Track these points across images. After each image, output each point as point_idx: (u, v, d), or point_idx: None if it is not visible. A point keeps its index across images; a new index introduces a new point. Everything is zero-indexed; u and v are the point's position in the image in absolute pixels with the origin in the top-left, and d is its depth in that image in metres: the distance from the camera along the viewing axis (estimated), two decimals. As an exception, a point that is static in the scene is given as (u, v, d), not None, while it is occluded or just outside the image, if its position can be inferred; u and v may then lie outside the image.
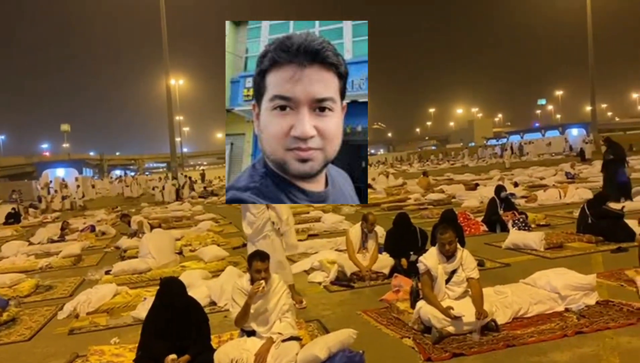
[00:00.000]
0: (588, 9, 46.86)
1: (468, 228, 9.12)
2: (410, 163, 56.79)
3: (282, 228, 5.48)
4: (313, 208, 15.20)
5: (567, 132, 55.41)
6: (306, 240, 9.42)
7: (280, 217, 5.48)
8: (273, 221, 5.50)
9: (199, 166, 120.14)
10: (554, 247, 7.26)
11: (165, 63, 37.34)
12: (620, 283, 5.31)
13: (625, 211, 8.55)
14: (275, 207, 5.49)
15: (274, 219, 5.49)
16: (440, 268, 4.47)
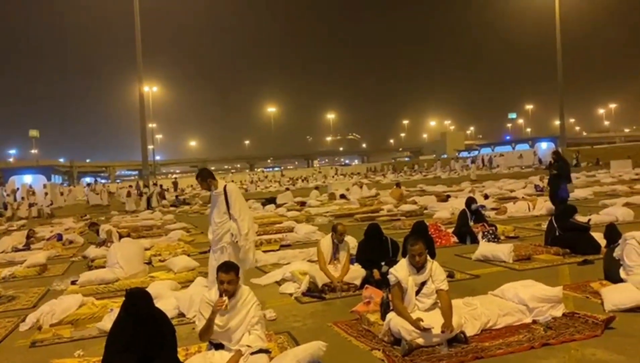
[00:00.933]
0: (557, 27, 48.21)
1: (439, 239, 9.20)
2: (384, 174, 57.18)
3: (241, 241, 5.41)
4: (287, 218, 15.18)
5: (536, 146, 56.53)
6: (278, 251, 9.38)
7: (240, 231, 5.41)
8: (232, 233, 5.43)
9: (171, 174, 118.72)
10: (522, 259, 7.37)
11: (139, 70, 36.95)
12: (585, 295, 5.40)
13: (592, 224, 8.75)
14: (238, 220, 5.43)
15: (234, 231, 5.43)
16: (411, 279, 4.49)
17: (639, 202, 13.21)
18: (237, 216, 5.42)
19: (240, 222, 5.42)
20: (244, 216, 5.49)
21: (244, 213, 5.52)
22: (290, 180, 54.93)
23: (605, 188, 18.07)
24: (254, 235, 5.64)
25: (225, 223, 5.46)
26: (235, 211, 5.44)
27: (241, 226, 5.42)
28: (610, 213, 10.80)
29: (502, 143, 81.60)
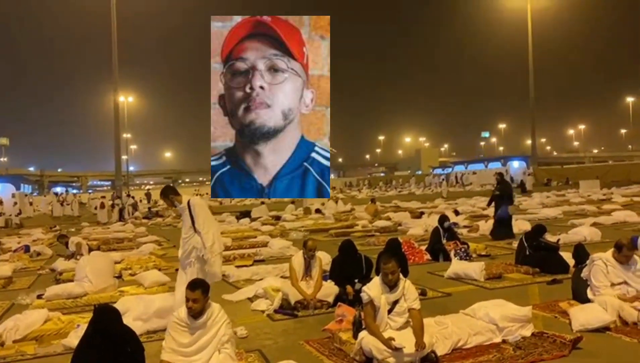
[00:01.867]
0: (529, 49, 49.50)
1: (412, 257, 9.27)
2: (360, 189, 57.46)
3: (206, 255, 5.38)
4: (261, 232, 15.10)
5: (508, 164, 57.57)
6: (252, 266, 9.31)
7: (204, 243, 5.38)
8: (197, 247, 5.39)
9: (145, 185, 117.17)
10: (493, 277, 7.46)
11: (115, 79, 36.57)
12: (554, 315, 5.49)
13: (561, 243, 8.92)
14: (202, 233, 5.39)
15: (198, 245, 5.39)
16: (383, 298, 4.50)
17: (606, 222, 13.56)
18: (200, 229, 5.40)
19: (204, 235, 5.38)
20: (208, 229, 5.46)
21: (208, 225, 5.49)
22: (265, 194, 54.74)
23: (575, 208, 18.46)
24: (220, 247, 5.59)
25: (191, 238, 5.42)
26: (198, 225, 5.42)
27: (205, 238, 5.38)
28: (578, 233, 11.03)
29: (476, 161, 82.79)
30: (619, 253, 5.43)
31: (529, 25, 49.73)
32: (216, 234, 5.53)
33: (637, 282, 5.33)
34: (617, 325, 4.94)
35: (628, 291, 5.30)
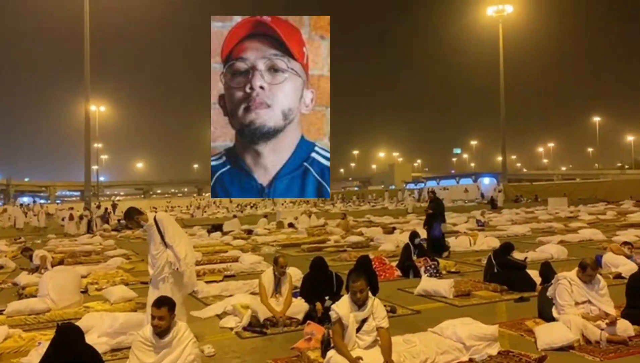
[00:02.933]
0: (501, 69, 50.65)
1: (383, 273, 9.29)
2: (334, 203, 57.51)
3: (181, 267, 5.32)
4: (232, 246, 14.95)
5: (479, 181, 58.57)
6: (222, 281, 9.20)
7: (177, 256, 5.32)
8: (170, 261, 5.33)
9: (115, 196, 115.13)
10: (462, 295, 7.52)
11: (86, 88, 36.02)
12: (520, 333, 5.56)
13: (528, 261, 9.06)
14: (173, 246, 5.34)
15: (172, 259, 5.33)
16: (352, 316, 4.50)
17: (572, 240, 13.85)
18: (171, 243, 5.35)
19: (176, 248, 5.33)
20: (179, 242, 5.42)
21: (178, 238, 5.45)
22: (238, 207, 54.33)
23: (543, 225, 18.80)
24: (193, 258, 5.55)
25: (162, 254, 5.36)
26: (168, 238, 5.37)
27: (177, 251, 5.33)
28: (545, 251, 11.24)
29: (447, 177, 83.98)
30: (583, 273, 5.54)
31: (500, 46, 50.94)
32: (187, 246, 5.50)
33: (600, 301, 5.44)
34: (580, 343, 5.03)
35: (591, 310, 5.41)
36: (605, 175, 79.84)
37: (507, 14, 51.79)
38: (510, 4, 51.56)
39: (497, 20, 51.48)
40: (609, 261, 8.86)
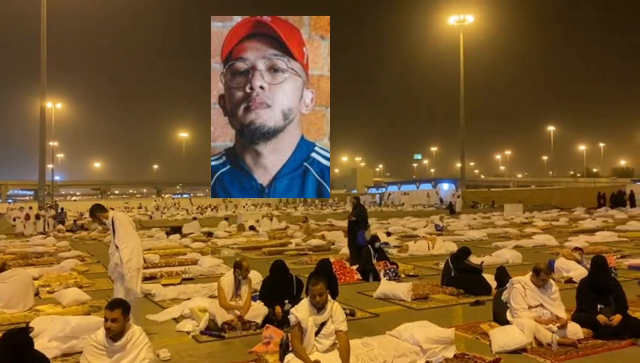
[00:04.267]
0: (461, 79, 51.74)
1: (343, 277, 9.33)
2: (295, 206, 57.45)
3: (123, 270, 5.23)
4: (191, 249, 14.72)
5: (438, 186, 59.59)
6: (179, 285, 9.04)
7: (121, 258, 5.24)
8: (116, 262, 5.25)
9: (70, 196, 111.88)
10: (420, 298, 7.62)
11: (42, 84, 34.88)
12: (476, 336, 5.67)
13: (484, 265, 9.28)
14: (120, 248, 5.25)
15: (117, 261, 5.25)
16: (311, 320, 4.49)
17: (527, 245, 14.25)
18: (119, 244, 5.28)
19: (121, 250, 5.26)
20: (127, 244, 5.35)
21: (127, 240, 5.37)
22: (199, 208, 53.59)
23: (499, 230, 19.28)
24: (138, 263, 5.44)
25: (114, 254, 5.30)
26: (117, 240, 5.31)
27: (122, 254, 5.26)
28: (501, 255, 11.52)
29: (408, 182, 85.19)
30: (537, 277, 5.69)
31: (461, 56, 52.11)
32: (135, 249, 5.39)
33: (552, 305, 5.60)
34: (533, 346, 5.17)
35: (543, 313, 5.56)
36: (559, 183, 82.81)
37: (468, 24, 53.07)
38: (471, 14, 52.85)
39: (459, 30, 52.65)
40: (560, 266, 9.15)
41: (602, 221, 21.81)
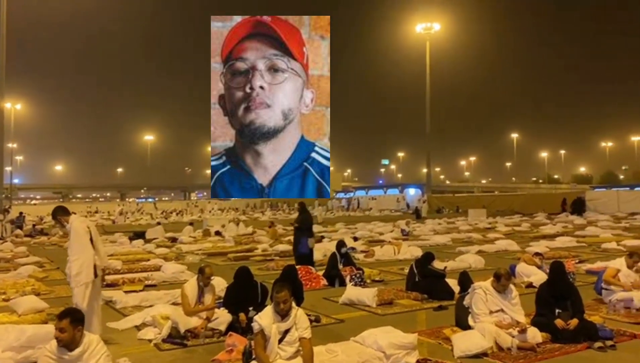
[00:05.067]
0: (427, 86, 52.58)
1: (309, 282, 9.32)
2: (263, 211, 57.16)
3: (71, 283, 5.11)
4: (155, 255, 14.46)
5: (405, 191, 60.25)
6: (142, 291, 8.86)
7: (70, 271, 5.13)
8: (66, 272, 5.13)
9: (30, 199, 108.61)
10: (385, 303, 7.67)
11: (0, 84, 33.78)
12: (438, 341, 5.74)
13: (448, 270, 9.39)
14: (70, 259, 5.13)
15: (67, 271, 5.13)
16: (274, 327, 4.47)
17: (489, 250, 14.52)
18: (70, 256, 5.14)
19: (71, 262, 5.13)
20: (78, 256, 5.20)
21: (78, 251, 5.22)
22: (163, 213, 52.73)
23: (462, 235, 19.59)
24: (87, 277, 5.29)
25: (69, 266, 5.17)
26: (69, 250, 5.16)
27: (72, 266, 5.13)
28: (464, 260, 11.71)
29: (376, 187, 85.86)
30: (498, 283, 5.80)
31: (427, 63, 52.94)
32: (85, 263, 5.24)
33: (512, 310, 5.72)
34: (493, 350, 5.26)
35: (504, 318, 5.67)
36: (521, 189, 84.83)
37: (435, 32, 53.96)
38: (437, 22, 53.77)
39: (425, 38, 53.48)
40: (521, 271, 9.35)
41: (562, 227, 22.41)
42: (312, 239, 11.37)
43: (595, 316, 6.31)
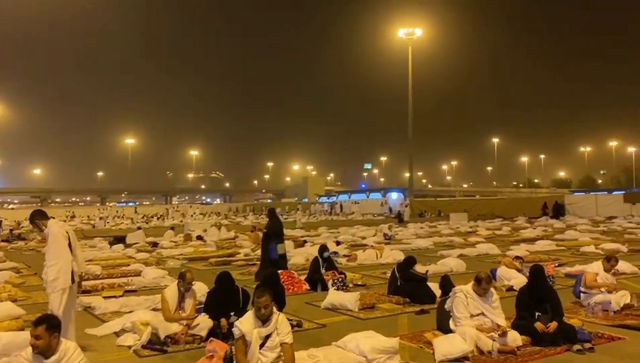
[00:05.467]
0: (409, 88, 52.96)
1: (291, 287, 9.28)
2: (245, 215, 56.92)
3: (47, 290, 5.04)
4: (135, 260, 14.30)
5: (387, 196, 60.52)
6: (122, 297, 8.74)
7: (47, 276, 5.06)
8: (43, 277, 5.06)
9: (8, 203, 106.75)
10: (367, 308, 7.67)
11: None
12: (420, 345, 5.75)
13: (429, 274, 9.45)
14: (47, 264, 5.06)
15: (44, 276, 5.06)
16: (255, 332, 4.44)
17: (471, 254, 14.63)
18: (47, 261, 5.07)
19: (48, 268, 5.05)
20: (56, 261, 5.13)
21: (56, 257, 5.15)
22: (144, 218, 52.19)
23: (444, 239, 19.72)
24: (65, 283, 5.21)
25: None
26: (47, 255, 5.09)
27: (49, 271, 5.06)
28: (446, 264, 11.77)
29: (359, 191, 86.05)
30: (478, 286, 5.84)
31: (409, 68, 53.33)
32: (63, 269, 5.16)
33: (492, 314, 5.75)
34: (474, 354, 5.28)
35: (485, 322, 5.70)
36: (502, 193, 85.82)
37: (417, 37, 54.44)
38: (419, 28, 54.25)
39: (407, 43, 53.90)
40: (502, 275, 9.44)
41: (542, 231, 22.70)
42: (281, 244, 11.16)
43: (574, 319, 6.38)
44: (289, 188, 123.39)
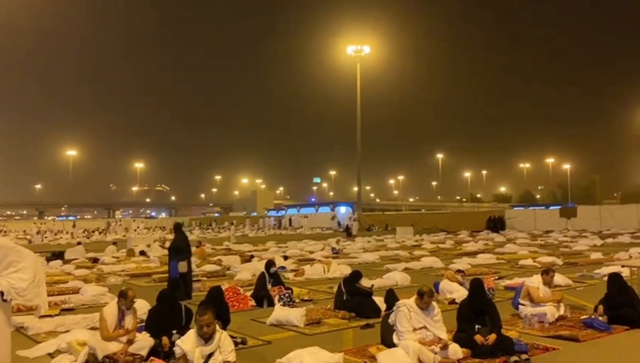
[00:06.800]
0: (358, 104, 53.84)
1: (237, 303, 9.16)
2: (191, 230, 55.81)
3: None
4: (74, 276, 13.73)
5: (336, 209, 60.94)
6: (58, 316, 8.36)
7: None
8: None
9: None
10: (313, 323, 7.66)
11: None
12: (364, 360, 5.78)
13: (375, 288, 9.54)
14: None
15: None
16: (198, 351, 4.36)
17: (416, 267, 14.90)
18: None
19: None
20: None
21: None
22: (85, 232, 50.26)
23: (390, 253, 20.00)
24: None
25: None
26: None
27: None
28: (391, 278, 11.94)
29: (308, 205, 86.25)
30: (421, 300, 5.95)
31: (358, 85, 54.25)
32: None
33: (434, 327, 5.87)
34: (417, 367, 5.37)
35: (427, 335, 5.81)
36: (446, 207, 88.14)
37: (365, 55, 55.46)
38: (368, 45, 55.33)
39: (356, 60, 54.84)
40: (444, 288, 9.65)
41: (483, 244, 23.41)
42: (183, 262, 10.17)
43: (512, 331, 6.60)
44: (237, 202, 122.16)
